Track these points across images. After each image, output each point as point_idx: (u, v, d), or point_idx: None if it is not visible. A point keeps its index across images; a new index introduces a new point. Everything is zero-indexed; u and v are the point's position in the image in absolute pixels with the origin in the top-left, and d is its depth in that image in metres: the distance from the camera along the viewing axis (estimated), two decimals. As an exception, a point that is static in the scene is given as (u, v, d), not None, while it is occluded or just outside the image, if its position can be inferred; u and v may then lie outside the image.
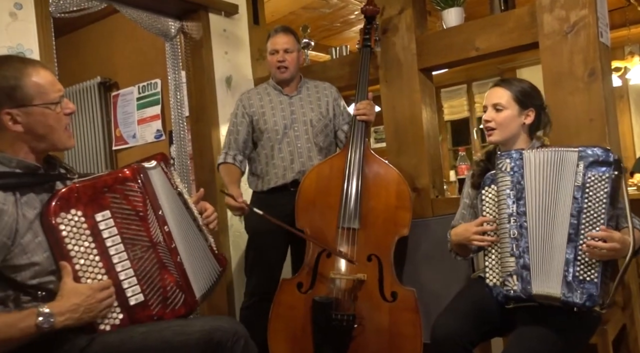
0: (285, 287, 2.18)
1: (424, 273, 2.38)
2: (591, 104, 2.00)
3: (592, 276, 1.46)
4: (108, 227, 1.31)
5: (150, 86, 3.67)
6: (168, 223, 1.41)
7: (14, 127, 1.28)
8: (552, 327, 1.50)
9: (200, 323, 1.33)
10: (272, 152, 2.38)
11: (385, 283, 2.05)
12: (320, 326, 2.02)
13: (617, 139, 2.13)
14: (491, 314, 1.65)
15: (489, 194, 1.66)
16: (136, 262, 1.33)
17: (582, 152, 1.52)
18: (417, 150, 2.45)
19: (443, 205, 2.36)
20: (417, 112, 2.44)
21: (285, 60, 2.39)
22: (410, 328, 2.00)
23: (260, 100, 2.44)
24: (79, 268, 1.28)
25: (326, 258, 2.12)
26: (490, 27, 2.25)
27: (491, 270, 1.63)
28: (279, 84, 2.46)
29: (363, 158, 2.18)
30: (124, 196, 1.34)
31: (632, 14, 4.73)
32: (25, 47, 2.21)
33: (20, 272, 1.25)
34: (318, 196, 2.21)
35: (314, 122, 2.41)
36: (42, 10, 2.27)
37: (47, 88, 1.30)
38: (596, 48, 1.98)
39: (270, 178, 2.39)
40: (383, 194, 2.15)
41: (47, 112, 1.30)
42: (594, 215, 1.47)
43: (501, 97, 1.73)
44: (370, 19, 2.42)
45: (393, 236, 2.11)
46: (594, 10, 1.98)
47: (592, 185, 1.49)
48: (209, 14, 2.95)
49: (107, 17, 3.74)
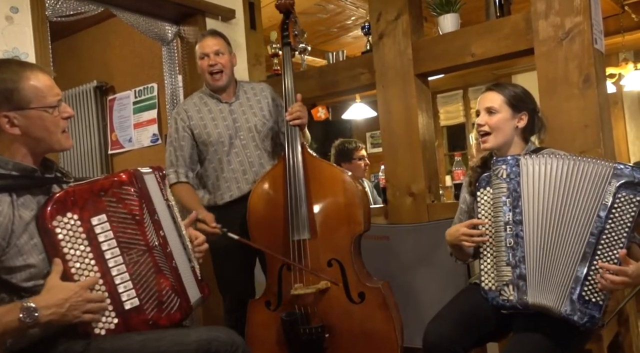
0: (255, 308, 2.13)
1: (420, 278, 2.38)
2: (586, 110, 2.01)
3: (599, 299, 1.42)
4: (104, 230, 1.31)
5: (146, 90, 3.67)
6: (163, 228, 1.41)
7: (12, 130, 1.29)
8: (548, 333, 1.49)
9: (197, 333, 1.33)
10: (220, 164, 2.24)
11: (350, 286, 2.00)
12: (292, 341, 2.01)
13: (612, 145, 2.14)
14: (485, 320, 1.65)
15: (485, 196, 1.64)
16: (132, 266, 1.32)
17: (618, 169, 1.42)
18: (413, 155, 2.45)
19: (439, 210, 2.37)
20: (413, 117, 2.45)
21: (217, 63, 2.22)
22: (384, 324, 1.95)
23: (198, 112, 2.26)
24: (74, 271, 1.28)
25: (287, 271, 2.07)
26: (486, 33, 2.27)
27: (486, 274, 1.62)
28: (215, 91, 2.29)
29: (303, 163, 2.08)
30: (120, 200, 1.33)
31: (627, 21, 4.76)
32: (21, 51, 2.20)
33: (15, 274, 1.25)
34: (267, 211, 2.12)
35: (259, 127, 2.27)
36: (38, 14, 2.27)
37: (45, 92, 1.31)
38: (591, 54, 2.00)
39: (224, 192, 2.25)
40: (330, 195, 2.07)
41: (44, 116, 1.31)
42: (615, 237, 1.40)
43: (494, 101, 1.73)
44: (287, 13, 2.27)
45: (348, 236, 2.03)
46: (588, 17, 2.00)
47: (620, 207, 1.40)
48: (206, 19, 2.95)
49: (103, 21, 3.73)
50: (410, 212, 2.44)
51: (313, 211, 2.07)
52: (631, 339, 1.96)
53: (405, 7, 2.45)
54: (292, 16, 2.28)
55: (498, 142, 1.71)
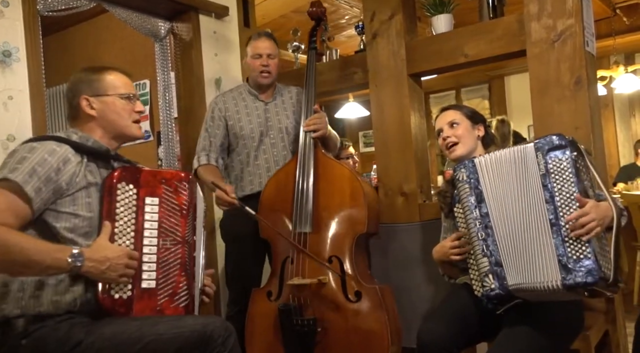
0: (257, 297, 2.18)
1: (411, 277, 2.39)
2: (577, 111, 2.03)
3: (585, 252, 1.45)
4: (152, 211, 1.45)
5: (139, 87, 3.65)
6: (196, 234, 1.53)
7: (90, 111, 1.51)
8: (536, 328, 1.51)
9: (193, 319, 1.40)
10: (247, 158, 2.35)
11: (348, 284, 2.03)
12: (286, 332, 2.04)
13: (602, 146, 2.16)
14: (477, 319, 1.67)
15: (460, 211, 1.72)
16: (163, 251, 1.45)
17: (538, 143, 1.57)
18: (405, 154, 2.46)
19: (430, 210, 2.37)
20: (406, 117, 2.45)
21: (269, 65, 2.35)
22: (376, 326, 1.97)
23: (235, 105, 2.39)
24: (116, 232, 1.41)
25: (290, 264, 2.11)
26: (479, 34, 2.27)
27: (475, 281, 1.66)
28: (257, 88, 2.42)
29: (315, 160, 2.17)
30: (176, 191, 1.50)
31: (618, 24, 4.81)
32: (11, 45, 2.18)
33: (61, 220, 1.38)
34: (277, 204, 2.19)
35: (289, 129, 2.39)
36: (29, 8, 2.25)
37: (120, 84, 1.56)
38: (582, 57, 2.01)
39: (245, 185, 2.34)
40: (337, 194, 2.13)
41: (117, 102, 1.54)
42: (566, 194, 1.50)
43: (454, 115, 1.88)
44: (318, 20, 2.43)
45: (350, 235, 2.07)
46: (580, 20, 2.01)
47: (555, 169, 1.52)
48: (199, 16, 2.94)
49: (96, 17, 3.71)
50: (402, 211, 2.45)
51: (318, 206, 2.12)
52: (618, 339, 1.98)
53: (399, 7, 2.45)
54: (323, 23, 2.43)
55: (466, 149, 1.83)
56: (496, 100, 6.57)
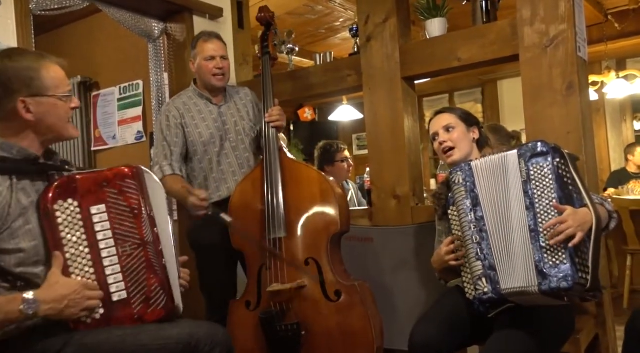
0: (235, 309, 2.15)
1: (402, 280, 2.39)
2: (569, 116, 2.04)
3: (562, 258, 1.46)
4: (101, 220, 1.34)
5: (131, 87, 3.63)
6: (157, 226, 1.42)
7: (26, 116, 1.33)
8: (527, 331, 1.52)
9: (178, 329, 1.34)
10: (210, 165, 2.27)
11: (327, 284, 2.03)
12: (271, 340, 2.02)
13: (593, 151, 2.17)
14: (468, 322, 1.67)
15: (454, 213, 1.71)
16: (124, 258, 1.35)
17: (520, 150, 1.59)
18: (398, 158, 2.46)
19: (423, 213, 2.38)
20: (399, 120, 2.46)
21: (223, 67, 2.28)
22: (360, 323, 1.97)
23: (189, 111, 2.30)
24: (68, 257, 1.30)
25: (267, 271, 2.09)
26: (472, 38, 2.29)
27: (468, 284, 1.66)
28: (209, 92, 2.33)
29: (280, 165, 2.14)
30: (122, 192, 1.37)
31: (610, 30, 4.85)
32: (3, 44, 2.16)
33: (5, 257, 1.26)
34: (247, 211, 2.16)
35: (247, 130, 2.34)
36: (22, 6, 2.23)
37: (61, 82, 1.38)
38: (574, 62, 2.03)
39: (212, 192, 2.26)
40: (307, 197, 2.11)
41: (59, 104, 1.37)
42: (546, 201, 1.50)
43: (449, 119, 1.87)
44: (268, 25, 2.39)
45: (324, 236, 2.06)
46: (572, 25, 2.03)
47: (536, 176, 1.53)
48: (193, 17, 2.94)
49: (89, 16, 3.68)
50: (395, 214, 2.45)
51: (290, 210, 2.10)
52: (608, 342, 1.99)
53: (394, 10, 2.46)
54: (273, 28, 2.39)
55: (463, 153, 1.83)
56: (489, 104, 6.60)
